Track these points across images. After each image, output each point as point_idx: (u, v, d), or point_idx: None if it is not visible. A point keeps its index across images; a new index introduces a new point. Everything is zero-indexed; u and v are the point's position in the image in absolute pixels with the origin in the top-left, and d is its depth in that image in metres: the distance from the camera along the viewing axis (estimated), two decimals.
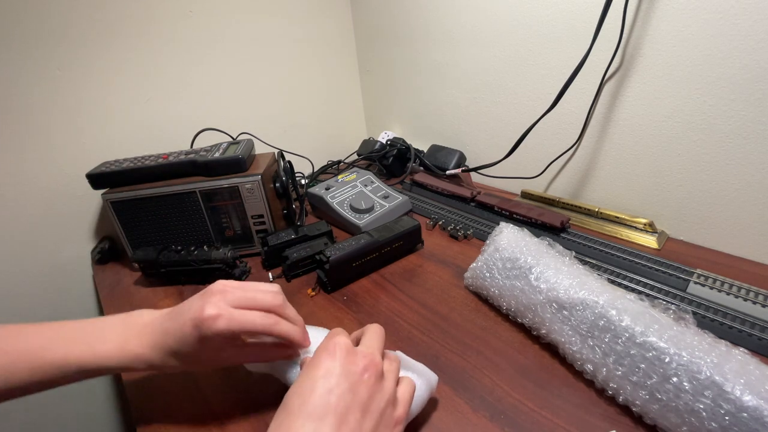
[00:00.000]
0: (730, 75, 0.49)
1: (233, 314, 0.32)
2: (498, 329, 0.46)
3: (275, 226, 0.65)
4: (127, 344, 0.34)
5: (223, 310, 0.32)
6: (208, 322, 0.31)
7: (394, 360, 0.34)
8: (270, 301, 0.35)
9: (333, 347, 0.30)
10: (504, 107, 0.77)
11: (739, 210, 0.53)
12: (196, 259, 0.58)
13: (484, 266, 0.49)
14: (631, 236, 0.60)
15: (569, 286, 0.40)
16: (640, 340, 0.34)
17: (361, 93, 1.10)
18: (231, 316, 0.32)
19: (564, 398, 0.37)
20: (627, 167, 0.63)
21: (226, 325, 0.31)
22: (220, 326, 0.31)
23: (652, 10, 0.53)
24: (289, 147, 0.85)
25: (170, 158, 0.63)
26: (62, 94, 0.66)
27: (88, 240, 0.74)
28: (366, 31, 0.99)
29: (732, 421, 0.29)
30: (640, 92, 0.57)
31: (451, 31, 0.80)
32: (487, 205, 0.71)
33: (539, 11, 0.64)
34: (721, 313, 0.44)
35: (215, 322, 0.31)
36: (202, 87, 0.81)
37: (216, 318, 0.31)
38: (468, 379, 0.40)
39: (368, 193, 0.75)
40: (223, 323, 0.31)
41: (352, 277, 0.57)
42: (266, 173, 0.64)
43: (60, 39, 0.64)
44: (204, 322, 0.31)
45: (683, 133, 0.55)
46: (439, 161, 0.86)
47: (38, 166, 0.66)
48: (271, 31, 0.87)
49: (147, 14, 0.71)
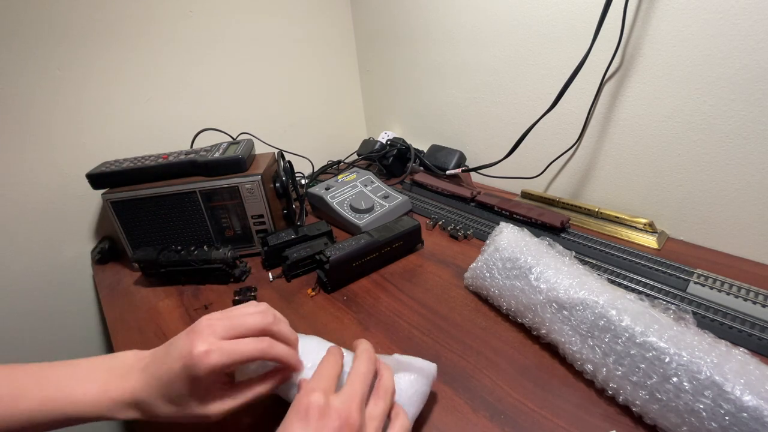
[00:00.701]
0: (730, 75, 0.49)
1: (223, 346, 0.30)
2: (498, 329, 0.46)
3: (275, 226, 0.65)
4: (109, 389, 0.31)
5: (214, 344, 0.30)
6: (199, 359, 0.29)
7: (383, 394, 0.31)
8: (260, 322, 0.32)
9: (305, 410, 0.27)
10: (504, 107, 0.77)
11: (739, 210, 0.53)
12: (196, 259, 0.58)
13: (484, 266, 0.49)
14: (631, 236, 0.60)
15: (569, 286, 0.40)
16: (640, 340, 0.34)
17: (361, 93, 1.10)
18: (222, 348, 0.30)
19: (564, 398, 0.37)
20: (627, 167, 0.63)
21: (218, 359, 0.29)
22: (212, 361, 0.29)
23: (652, 10, 0.53)
24: (289, 147, 0.85)
25: (170, 158, 0.63)
26: (62, 94, 0.66)
27: (88, 240, 0.74)
28: (366, 31, 0.99)
29: (732, 421, 0.29)
30: (640, 92, 0.57)
31: (451, 31, 0.80)
32: (487, 205, 0.71)
33: (539, 11, 0.65)
34: (721, 313, 0.44)
35: (207, 357, 0.29)
36: (202, 87, 0.81)
37: (207, 353, 0.29)
38: (468, 379, 0.40)
39: (368, 193, 0.75)
40: (216, 357, 0.29)
41: (352, 277, 0.57)
42: (266, 173, 0.64)
43: (60, 39, 0.64)
44: (195, 359, 0.29)
45: (683, 133, 0.55)
46: (439, 161, 0.86)
47: (38, 166, 0.66)
48: (271, 31, 0.87)
49: (147, 14, 0.71)
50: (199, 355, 0.29)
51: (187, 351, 0.29)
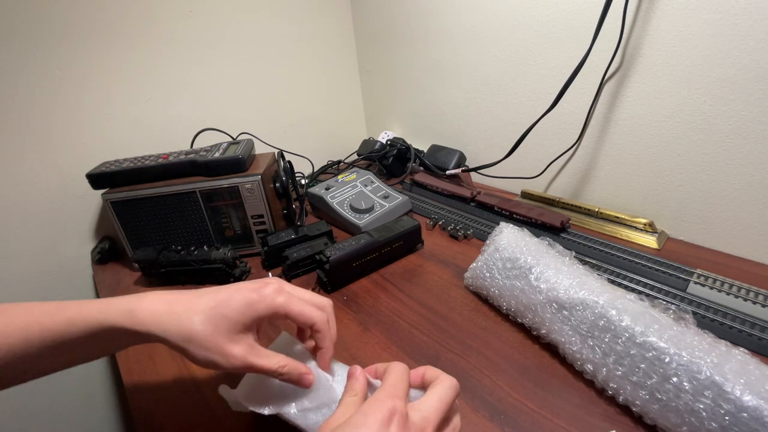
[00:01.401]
0: (730, 75, 0.49)
1: (293, 296, 0.32)
2: (498, 329, 0.46)
3: (275, 226, 0.65)
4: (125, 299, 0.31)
5: (284, 291, 0.32)
6: (268, 292, 0.31)
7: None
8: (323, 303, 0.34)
9: (390, 415, 0.25)
10: (504, 107, 0.77)
11: (739, 210, 0.53)
12: (196, 259, 0.58)
13: (484, 266, 0.49)
14: (631, 236, 0.60)
15: (569, 286, 0.40)
16: (640, 340, 0.34)
17: (361, 93, 1.10)
18: (292, 296, 0.32)
19: (564, 398, 0.37)
20: (627, 167, 0.63)
21: (284, 300, 0.31)
22: (279, 300, 0.31)
23: (652, 10, 0.53)
24: (289, 147, 0.85)
25: (170, 158, 0.63)
26: (62, 94, 0.66)
27: (88, 240, 0.74)
28: (366, 31, 0.99)
29: (732, 421, 0.29)
30: (640, 92, 0.57)
31: (451, 31, 0.80)
32: (487, 205, 0.71)
33: (539, 11, 0.65)
34: (721, 313, 0.44)
35: (276, 294, 0.31)
36: (202, 87, 0.81)
37: (277, 292, 0.31)
38: (468, 379, 0.40)
39: (368, 193, 0.75)
40: (282, 298, 0.31)
41: (352, 277, 0.57)
42: (266, 173, 0.64)
43: (60, 39, 0.64)
44: (263, 293, 0.31)
45: (683, 133, 0.55)
46: (439, 161, 0.86)
47: (38, 165, 0.66)
48: (271, 31, 0.87)
49: (147, 14, 0.71)
50: (271, 292, 0.31)
51: (258, 286, 0.31)
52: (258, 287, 0.32)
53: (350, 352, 0.45)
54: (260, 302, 0.31)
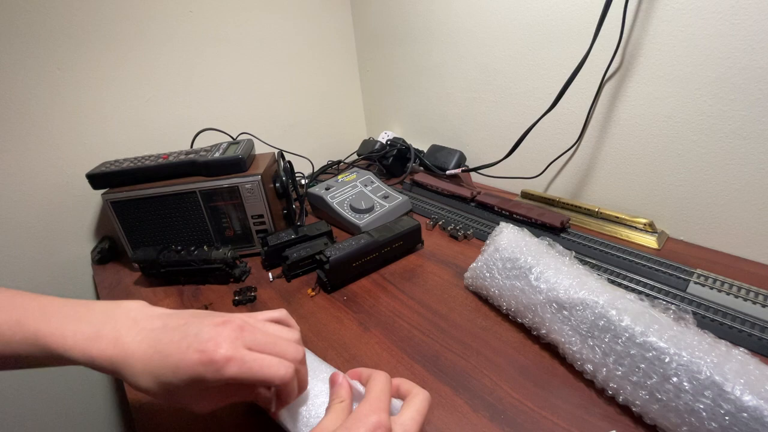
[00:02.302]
0: (730, 75, 0.49)
1: (246, 359, 0.27)
2: (498, 329, 0.46)
3: (275, 226, 0.65)
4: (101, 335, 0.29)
5: (238, 353, 0.27)
6: (217, 365, 0.27)
7: None
8: (292, 354, 0.30)
9: (374, 428, 0.26)
10: (504, 107, 0.77)
11: (739, 210, 0.53)
12: (196, 259, 0.58)
13: (484, 266, 0.49)
14: (631, 236, 0.60)
15: (569, 286, 0.40)
16: (640, 340, 0.34)
17: (361, 93, 1.10)
18: (244, 360, 0.27)
19: (564, 398, 0.37)
20: (627, 167, 0.63)
21: (237, 371, 0.27)
22: (229, 372, 0.27)
23: (652, 10, 0.53)
24: (289, 147, 0.85)
25: (170, 158, 0.63)
26: (62, 93, 0.66)
27: (88, 240, 0.74)
28: (366, 31, 0.99)
29: (732, 421, 0.29)
30: (640, 92, 0.57)
31: (451, 31, 0.80)
32: (487, 205, 0.71)
33: (539, 11, 0.64)
34: (721, 313, 0.44)
35: (227, 365, 0.27)
36: (202, 87, 0.81)
37: (228, 361, 0.27)
38: (468, 379, 0.40)
39: (368, 193, 0.75)
40: (235, 369, 0.27)
41: (352, 277, 0.57)
42: (266, 173, 0.64)
43: (60, 39, 0.64)
44: (214, 362, 0.27)
45: (683, 133, 0.55)
46: (439, 161, 0.86)
47: (38, 165, 0.66)
48: (271, 31, 0.87)
49: (147, 14, 0.71)
50: (220, 360, 0.27)
51: (209, 348, 0.27)
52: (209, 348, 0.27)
53: (350, 352, 0.45)
54: (207, 375, 0.27)
